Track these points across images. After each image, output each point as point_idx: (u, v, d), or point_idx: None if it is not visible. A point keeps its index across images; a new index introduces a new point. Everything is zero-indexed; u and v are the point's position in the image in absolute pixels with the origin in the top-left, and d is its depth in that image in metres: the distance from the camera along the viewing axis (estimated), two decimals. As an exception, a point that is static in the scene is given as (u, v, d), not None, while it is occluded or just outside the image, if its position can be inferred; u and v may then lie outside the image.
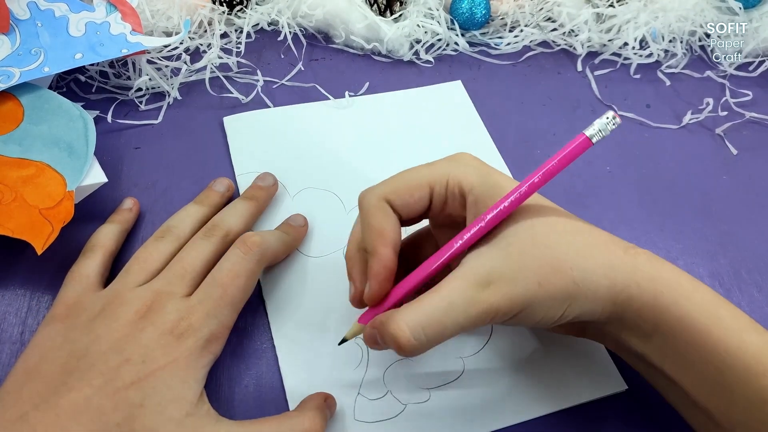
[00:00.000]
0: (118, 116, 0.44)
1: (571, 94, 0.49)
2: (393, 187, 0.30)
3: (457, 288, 0.26)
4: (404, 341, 0.25)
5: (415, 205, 0.30)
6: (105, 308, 0.29)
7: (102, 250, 0.34)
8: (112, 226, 0.36)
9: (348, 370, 0.32)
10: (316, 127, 0.45)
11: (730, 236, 0.40)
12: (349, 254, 0.31)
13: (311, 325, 0.34)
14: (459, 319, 0.26)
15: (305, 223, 0.38)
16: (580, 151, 0.26)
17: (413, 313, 0.26)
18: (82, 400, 0.25)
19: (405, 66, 0.50)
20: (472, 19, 0.51)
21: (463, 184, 0.29)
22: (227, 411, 0.31)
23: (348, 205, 0.40)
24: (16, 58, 0.41)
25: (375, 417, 0.31)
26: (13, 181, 0.35)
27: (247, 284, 0.32)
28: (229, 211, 0.36)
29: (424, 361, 0.33)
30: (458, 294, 0.26)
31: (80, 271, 0.32)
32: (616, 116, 0.26)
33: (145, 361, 0.27)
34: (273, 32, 0.52)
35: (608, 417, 0.32)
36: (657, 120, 0.47)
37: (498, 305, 0.26)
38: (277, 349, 0.33)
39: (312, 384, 0.32)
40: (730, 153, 0.45)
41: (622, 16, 0.51)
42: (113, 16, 0.44)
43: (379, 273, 0.28)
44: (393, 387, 0.32)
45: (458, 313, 0.26)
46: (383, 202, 0.29)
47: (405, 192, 0.29)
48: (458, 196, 0.29)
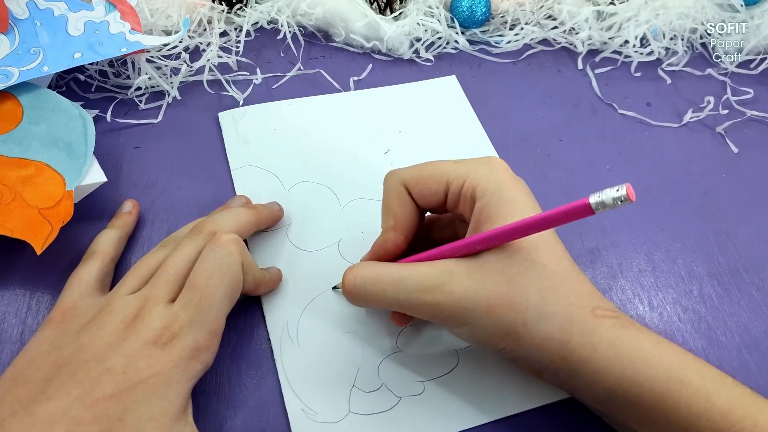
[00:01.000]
0: (118, 115, 0.44)
1: (572, 92, 0.49)
2: (414, 174, 0.31)
3: (416, 272, 0.28)
4: (347, 283, 0.30)
5: (431, 197, 0.31)
6: (95, 316, 0.29)
7: (101, 255, 0.34)
8: (111, 231, 0.36)
9: (343, 364, 0.33)
10: (311, 122, 0.45)
11: (729, 235, 0.40)
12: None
13: (305, 318, 0.34)
14: (399, 296, 0.28)
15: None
16: (581, 215, 0.24)
17: (368, 268, 0.29)
18: (60, 410, 0.25)
19: (405, 64, 0.50)
20: (473, 17, 0.51)
21: (477, 188, 0.29)
22: (227, 410, 0.31)
23: (343, 200, 0.40)
24: (15, 58, 0.40)
25: (370, 410, 0.31)
26: (12, 180, 0.35)
27: (225, 282, 0.29)
28: (224, 213, 0.35)
29: (419, 354, 0.33)
30: (414, 277, 0.28)
31: (79, 276, 0.32)
32: (629, 196, 0.22)
33: (127, 372, 0.26)
34: (273, 31, 0.52)
35: None
36: (657, 118, 0.47)
37: (442, 307, 0.27)
38: (272, 344, 0.33)
39: (308, 378, 0.32)
40: (731, 151, 0.45)
41: (623, 14, 0.51)
42: (112, 15, 0.44)
43: (377, 250, 0.32)
44: (387, 380, 0.32)
45: (402, 290, 0.28)
46: (402, 187, 0.31)
47: (423, 182, 0.30)
48: (469, 199, 0.29)
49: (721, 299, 0.37)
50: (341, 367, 0.32)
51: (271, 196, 0.39)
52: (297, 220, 0.39)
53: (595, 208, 0.23)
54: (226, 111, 0.45)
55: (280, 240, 0.37)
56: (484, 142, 0.44)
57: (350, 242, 0.38)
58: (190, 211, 0.39)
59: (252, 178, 0.41)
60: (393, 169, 0.32)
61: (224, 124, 0.44)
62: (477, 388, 0.32)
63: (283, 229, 0.38)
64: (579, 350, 0.26)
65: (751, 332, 0.35)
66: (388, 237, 0.31)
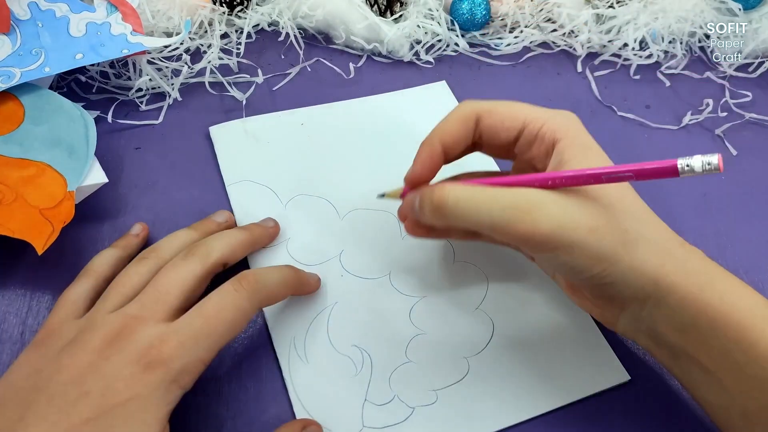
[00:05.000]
0: (119, 116, 0.44)
1: (571, 95, 0.49)
2: (491, 107, 0.31)
3: (510, 192, 0.27)
4: (438, 199, 0.28)
5: (502, 132, 0.31)
6: (76, 336, 0.28)
7: (94, 275, 0.32)
8: (111, 251, 0.34)
9: (353, 378, 0.32)
10: (304, 133, 0.44)
11: (728, 237, 0.40)
12: (424, 141, 0.32)
13: (312, 333, 0.34)
14: (494, 213, 0.27)
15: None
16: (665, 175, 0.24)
17: (462, 188, 0.28)
18: None
19: (405, 67, 0.50)
20: (472, 20, 0.51)
21: (557, 132, 0.29)
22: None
23: (341, 211, 0.39)
24: (16, 59, 0.41)
25: (384, 423, 0.31)
26: (13, 181, 0.35)
27: (234, 320, 0.29)
28: (217, 236, 0.33)
29: (429, 363, 0.33)
30: (509, 195, 0.27)
31: (68, 296, 0.31)
32: (719, 164, 0.23)
33: (105, 394, 0.25)
34: (273, 33, 0.52)
35: (614, 408, 0.32)
36: (657, 121, 0.47)
37: (539, 226, 0.26)
38: (280, 362, 0.33)
39: (320, 395, 0.31)
40: (730, 154, 0.45)
41: (622, 17, 0.51)
42: (114, 17, 0.44)
43: (424, 159, 0.31)
44: (399, 391, 0.32)
45: (497, 207, 0.27)
46: (473, 114, 0.31)
47: (498, 116, 0.31)
48: (547, 142, 0.30)
49: (721, 301, 0.37)
50: (352, 382, 0.32)
51: (268, 211, 0.38)
52: (296, 234, 0.38)
53: (681, 171, 0.23)
54: (217, 125, 0.44)
55: (281, 255, 0.37)
56: None
57: (352, 254, 0.37)
58: (190, 213, 0.39)
59: (247, 193, 0.40)
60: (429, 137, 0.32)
61: (216, 139, 0.43)
62: (490, 394, 0.32)
63: (283, 243, 0.37)
64: (671, 275, 0.26)
65: (750, 333, 0.35)
66: (434, 147, 0.31)
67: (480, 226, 0.27)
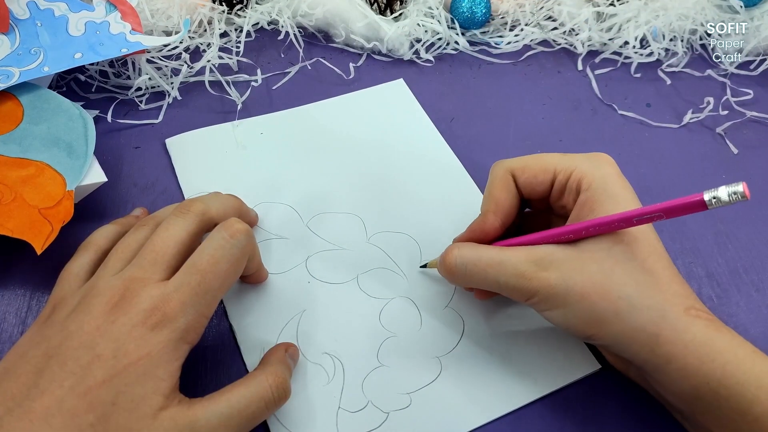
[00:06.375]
0: (118, 116, 0.44)
1: (572, 93, 0.49)
2: (522, 164, 0.32)
3: (515, 257, 0.29)
4: (448, 262, 0.31)
5: (537, 186, 0.32)
6: (80, 302, 0.28)
7: (95, 248, 0.32)
8: (111, 227, 0.34)
9: (326, 386, 0.32)
10: (265, 140, 0.43)
11: (729, 236, 0.40)
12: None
13: (279, 341, 0.33)
14: (500, 279, 0.29)
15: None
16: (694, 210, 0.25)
17: (470, 249, 0.30)
18: (54, 403, 0.25)
19: (405, 65, 0.50)
20: (473, 18, 0.51)
21: (583, 180, 0.30)
22: None
23: (305, 216, 0.39)
24: (15, 58, 0.41)
25: (358, 430, 0.30)
26: (12, 180, 0.35)
27: (230, 271, 0.29)
28: (212, 195, 0.34)
29: (401, 366, 0.33)
30: (513, 261, 0.29)
31: (70, 269, 0.31)
32: (746, 192, 0.24)
33: (117, 356, 0.26)
34: (273, 31, 0.52)
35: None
36: (657, 119, 0.47)
37: (538, 291, 0.28)
38: (248, 369, 0.32)
39: (293, 406, 0.31)
40: (731, 152, 0.45)
41: (623, 15, 0.51)
42: (113, 16, 0.44)
43: (474, 230, 0.32)
44: (373, 397, 0.31)
45: (502, 273, 0.29)
46: (509, 174, 0.32)
47: (530, 171, 0.32)
48: (574, 190, 0.30)
49: (721, 300, 0.37)
50: (324, 390, 0.31)
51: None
52: (261, 243, 0.37)
53: (708, 204, 0.24)
54: (173, 137, 0.43)
55: None
56: (438, 140, 0.44)
57: (318, 259, 0.37)
58: (190, 212, 0.39)
59: None
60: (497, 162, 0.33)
61: (172, 151, 0.42)
62: (463, 393, 0.32)
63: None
64: (668, 345, 0.26)
65: (750, 333, 0.35)
66: (487, 219, 0.32)
67: (488, 288, 0.30)
